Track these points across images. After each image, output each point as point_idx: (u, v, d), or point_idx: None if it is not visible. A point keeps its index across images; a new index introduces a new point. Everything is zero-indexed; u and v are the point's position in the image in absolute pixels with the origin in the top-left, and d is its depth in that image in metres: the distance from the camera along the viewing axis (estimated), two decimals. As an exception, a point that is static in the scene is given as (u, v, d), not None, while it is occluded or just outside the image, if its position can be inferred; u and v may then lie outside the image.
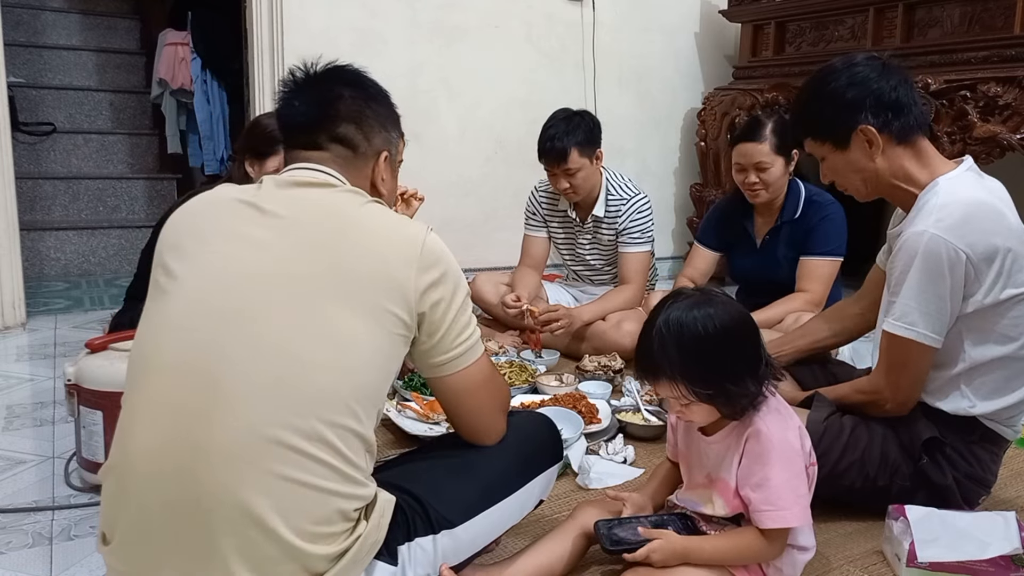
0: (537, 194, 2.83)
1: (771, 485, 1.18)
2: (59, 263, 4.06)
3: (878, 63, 1.48)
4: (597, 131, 2.59)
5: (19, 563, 1.44)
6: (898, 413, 1.51)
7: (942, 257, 1.36)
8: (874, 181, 1.51)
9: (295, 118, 1.16)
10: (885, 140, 1.46)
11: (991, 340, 1.43)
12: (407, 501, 1.09)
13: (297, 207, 1.05)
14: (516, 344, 2.59)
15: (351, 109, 1.15)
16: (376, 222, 1.07)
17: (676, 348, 1.19)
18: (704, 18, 4.36)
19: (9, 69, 3.25)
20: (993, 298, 1.40)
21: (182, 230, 1.08)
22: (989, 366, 1.45)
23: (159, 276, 1.05)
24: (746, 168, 2.35)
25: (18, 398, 2.30)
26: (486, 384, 1.17)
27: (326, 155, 1.14)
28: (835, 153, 1.51)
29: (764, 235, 2.48)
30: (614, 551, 1.25)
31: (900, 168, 1.48)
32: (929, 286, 1.38)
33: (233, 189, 1.11)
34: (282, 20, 3.34)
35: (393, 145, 1.22)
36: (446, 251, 1.09)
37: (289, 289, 0.99)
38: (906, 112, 1.46)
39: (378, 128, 1.18)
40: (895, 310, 1.42)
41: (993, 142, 2.79)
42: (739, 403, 1.20)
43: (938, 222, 1.37)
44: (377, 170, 1.18)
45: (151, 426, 0.97)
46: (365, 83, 1.20)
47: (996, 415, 1.48)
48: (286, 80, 1.19)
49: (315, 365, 0.97)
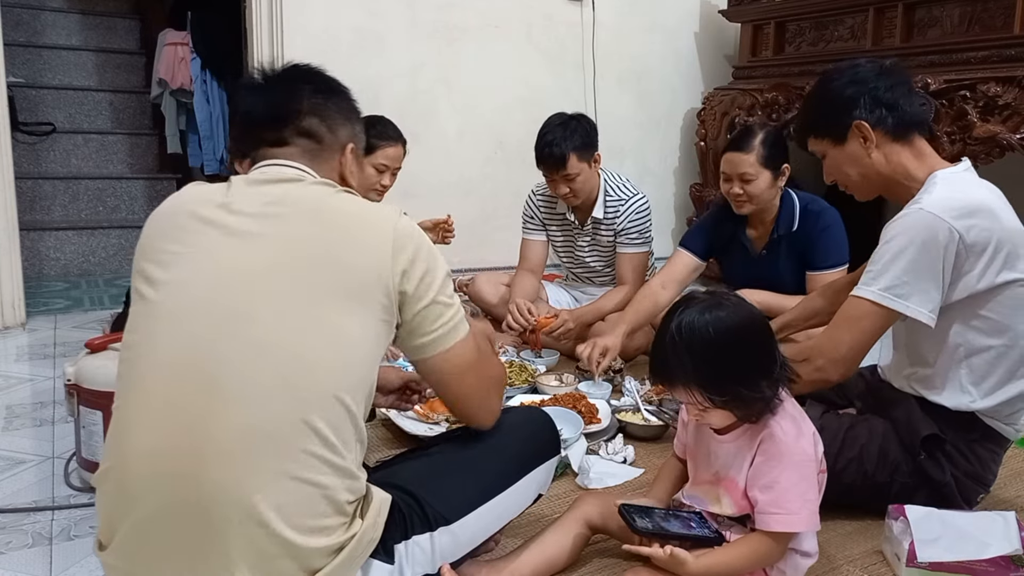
0: (535, 197, 2.82)
1: (780, 488, 1.18)
2: (59, 263, 4.06)
3: (877, 65, 1.55)
4: (594, 134, 2.58)
5: (19, 563, 1.44)
6: (831, 373, 1.49)
7: (938, 233, 1.38)
8: (872, 176, 1.54)
9: (258, 116, 1.17)
10: (880, 136, 1.51)
11: (988, 329, 1.44)
12: (404, 499, 1.09)
13: (268, 203, 1.05)
14: (516, 344, 2.59)
15: (313, 103, 1.16)
16: (348, 211, 1.07)
17: (688, 354, 1.18)
18: (704, 18, 4.37)
19: (9, 69, 3.25)
20: (988, 282, 1.41)
21: (157, 235, 1.07)
22: (987, 357, 1.46)
23: (139, 284, 1.04)
24: (731, 178, 2.29)
25: (18, 398, 2.30)
26: (474, 365, 1.15)
27: (293, 150, 1.14)
28: (834, 149, 1.57)
29: (762, 248, 2.41)
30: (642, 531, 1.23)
31: (898, 164, 1.52)
32: (924, 260, 1.39)
33: (202, 189, 1.11)
34: (282, 20, 3.34)
35: (358, 138, 1.23)
36: (420, 233, 1.09)
37: (275, 284, 0.99)
38: (900, 110, 1.51)
39: (341, 120, 1.19)
40: (880, 279, 1.42)
41: (993, 142, 2.79)
42: (754, 406, 1.20)
43: (938, 202, 1.40)
44: (345, 162, 1.19)
45: (148, 428, 0.97)
46: (325, 79, 1.22)
47: (996, 411, 1.48)
48: (246, 83, 1.21)
49: (309, 360, 0.97)
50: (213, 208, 1.05)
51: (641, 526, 1.23)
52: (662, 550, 1.18)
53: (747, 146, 2.24)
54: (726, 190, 2.33)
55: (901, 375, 1.58)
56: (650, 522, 1.24)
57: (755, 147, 2.23)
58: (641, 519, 1.24)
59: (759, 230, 2.43)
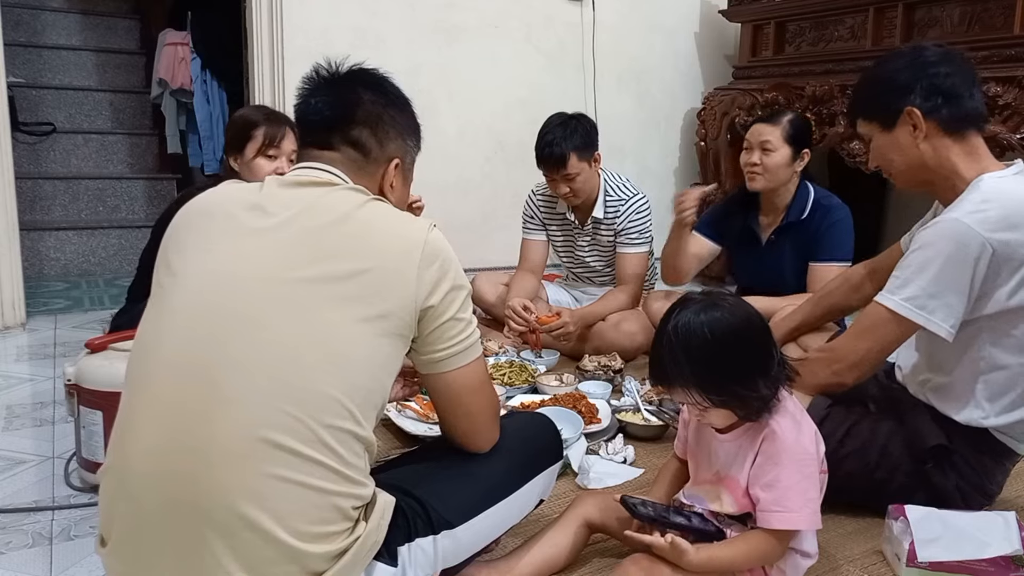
0: (535, 197, 2.82)
1: (781, 486, 1.18)
2: (59, 263, 4.06)
3: (941, 51, 1.46)
4: (594, 134, 2.58)
5: (19, 563, 1.44)
6: (846, 377, 1.49)
7: (971, 247, 1.33)
8: (916, 168, 1.47)
9: (311, 116, 1.15)
10: (931, 126, 1.43)
11: (1012, 347, 1.41)
12: (407, 502, 1.09)
13: (298, 207, 1.04)
14: (516, 344, 2.59)
15: (369, 113, 1.14)
16: (378, 220, 1.07)
17: (685, 355, 1.18)
18: (704, 18, 4.36)
19: (9, 69, 3.24)
20: (1019, 301, 1.36)
21: (185, 228, 1.07)
22: (1006, 375, 1.42)
23: (161, 275, 1.05)
24: (752, 147, 2.36)
25: (18, 398, 2.30)
26: (483, 387, 1.17)
27: (337, 156, 1.13)
28: (881, 133, 1.49)
29: (770, 234, 2.45)
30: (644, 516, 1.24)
31: (946, 159, 1.44)
32: (951, 272, 1.35)
33: (237, 188, 1.11)
34: (282, 20, 3.34)
35: (408, 153, 1.21)
36: (448, 248, 1.09)
37: (290, 290, 0.99)
38: (958, 102, 1.42)
39: (394, 135, 1.17)
40: (905, 288, 1.39)
41: (993, 142, 2.78)
42: (753, 406, 1.20)
43: (974, 213, 1.35)
44: (387, 176, 1.17)
45: (150, 426, 0.97)
46: (387, 88, 1.20)
47: (1009, 428, 1.46)
48: (309, 76, 1.18)
49: (314, 368, 0.96)
50: (244, 208, 1.05)
51: (643, 512, 1.24)
52: (663, 538, 1.19)
53: (776, 120, 2.37)
54: (744, 160, 2.40)
55: (916, 380, 1.55)
56: (652, 510, 1.25)
57: (782, 123, 2.34)
58: (643, 507, 1.25)
59: (770, 217, 2.47)
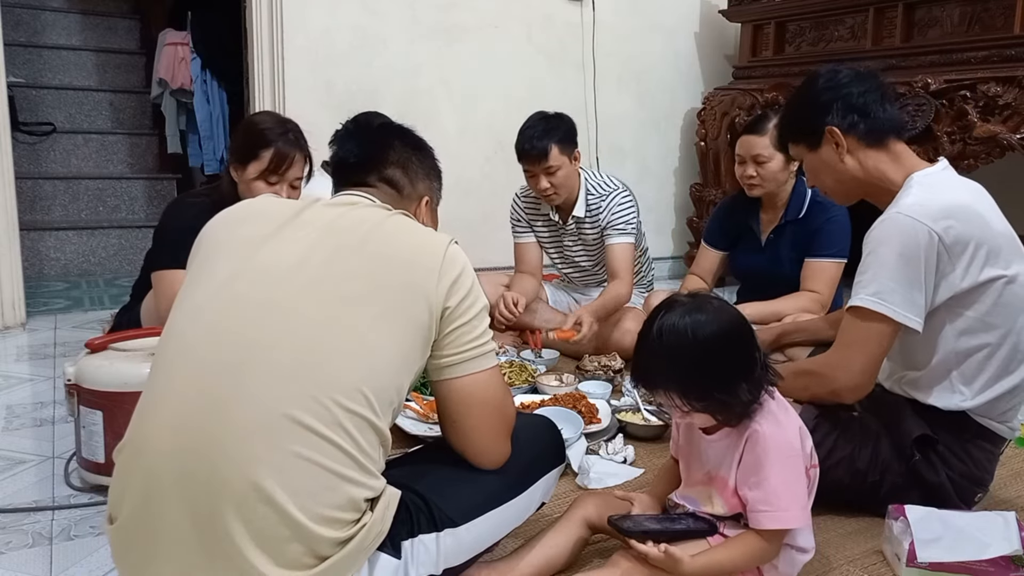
0: (519, 200, 2.85)
1: (769, 485, 1.18)
2: (59, 263, 4.06)
3: (853, 71, 1.56)
4: (574, 132, 2.62)
5: (19, 563, 1.44)
6: (847, 397, 1.51)
7: (918, 237, 1.38)
8: (847, 182, 1.56)
9: (349, 158, 1.29)
10: (852, 141, 1.53)
11: (975, 328, 1.44)
12: (412, 498, 1.11)
13: (332, 215, 1.14)
14: (516, 344, 2.59)
15: (400, 156, 1.28)
16: (403, 232, 1.15)
17: (666, 358, 1.19)
18: (704, 18, 4.36)
19: (9, 69, 3.25)
20: (971, 281, 1.41)
21: (223, 229, 1.16)
22: (976, 356, 1.46)
23: (194, 269, 1.13)
24: (745, 160, 2.38)
25: (18, 398, 2.30)
26: (495, 398, 1.17)
27: (374, 191, 1.25)
28: (809, 154, 1.59)
29: (769, 233, 2.48)
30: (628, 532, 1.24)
31: (874, 168, 1.53)
32: (906, 267, 1.39)
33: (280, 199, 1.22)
34: (282, 20, 3.34)
35: (435, 194, 1.35)
36: (467, 261, 1.16)
37: (319, 287, 1.04)
38: (872, 116, 1.51)
39: (422, 176, 1.31)
40: (869, 287, 1.43)
41: (993, 142, 2.79)
42: (734, 411, 1.20)
43: (914, 206, 1.41)
44: (419, 213, 1.30)
45: (171, 405, 1.01)
46: (413, 137, 1.34)
47: (988, 409, 1.48)
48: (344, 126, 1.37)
49: (336, 353, 1.01)
50: (281, 214, 1.13)
51: (628, 527, 1.25)
52: (656, 548, 1.19)
53: (762, 129, 2.35)
54: (739, 173, 2.42)
55: (891, 379, 1.58)
56: (634, 523, 1.26)
57: (769, 130, 2.31)
58: (627, 522, 1.27)
59: (770, 215, 2.49)
